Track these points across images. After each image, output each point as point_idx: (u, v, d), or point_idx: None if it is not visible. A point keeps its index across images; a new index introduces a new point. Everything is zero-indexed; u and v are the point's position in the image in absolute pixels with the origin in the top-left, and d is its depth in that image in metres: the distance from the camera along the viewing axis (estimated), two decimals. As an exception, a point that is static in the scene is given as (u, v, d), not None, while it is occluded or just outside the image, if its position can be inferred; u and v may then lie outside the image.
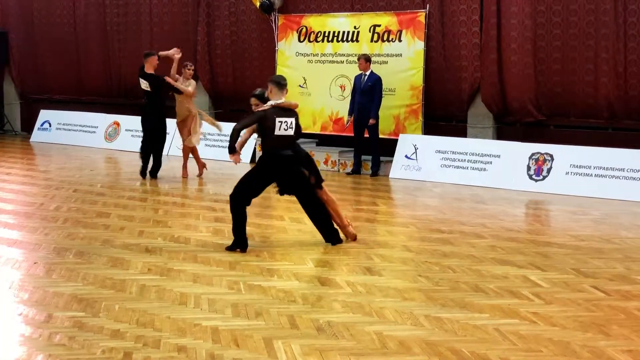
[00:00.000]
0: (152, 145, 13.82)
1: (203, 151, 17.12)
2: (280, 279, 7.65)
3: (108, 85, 20.25)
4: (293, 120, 8.80)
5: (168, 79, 13.59)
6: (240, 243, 8.75)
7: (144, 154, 13.96)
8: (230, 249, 8.76)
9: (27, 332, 6.09)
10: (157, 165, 13.97)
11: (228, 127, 17.12)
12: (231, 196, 8.78)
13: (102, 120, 19.53)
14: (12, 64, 21.76)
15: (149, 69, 13.64)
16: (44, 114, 20.68)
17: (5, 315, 6.53)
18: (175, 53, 13.87)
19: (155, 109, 13.69)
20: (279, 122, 8.67)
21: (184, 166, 14.15)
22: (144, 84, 13.61)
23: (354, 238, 9.27)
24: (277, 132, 8.69)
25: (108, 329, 6.11)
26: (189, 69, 13.98)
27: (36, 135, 20.43)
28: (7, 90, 22.22)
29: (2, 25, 21.74)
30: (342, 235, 9.23)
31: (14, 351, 5.70)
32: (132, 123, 18.82)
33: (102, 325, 6.21)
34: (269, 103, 8.82)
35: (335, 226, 9.20)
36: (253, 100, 9.36)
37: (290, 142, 8.89)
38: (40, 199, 12.00)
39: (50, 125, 20.35)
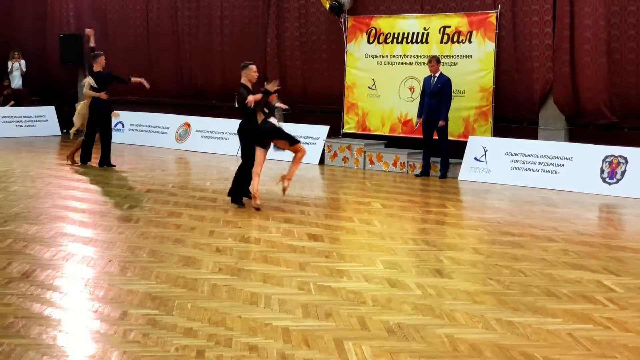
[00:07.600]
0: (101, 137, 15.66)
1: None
2: (350, 280, 7.66)
3: (179, 87, 20.54)
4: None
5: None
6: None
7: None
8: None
9: (103, 328, 6.21)
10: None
11: (297, 127, 17.30)
12: None
13: (173, 121, 19.83)
14: (86, 65, 22.17)
15: (97, 68, 15.61)
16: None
17: (80, 311, 6.68)
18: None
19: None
20: None
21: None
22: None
23: (257, 208, 11.07)
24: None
25: (181, 327, 6.20)
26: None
27: (109, 136, 20.78)
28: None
29: (76, 27, 22.22)
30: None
31: (89, 347, 5.83)
32: (203, 124, 19.10)
33: (175, 323, 6.30)
34: None
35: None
36: None
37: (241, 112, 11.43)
38: (114, 198, 12.24)
39: (123, 126, 20.72)
